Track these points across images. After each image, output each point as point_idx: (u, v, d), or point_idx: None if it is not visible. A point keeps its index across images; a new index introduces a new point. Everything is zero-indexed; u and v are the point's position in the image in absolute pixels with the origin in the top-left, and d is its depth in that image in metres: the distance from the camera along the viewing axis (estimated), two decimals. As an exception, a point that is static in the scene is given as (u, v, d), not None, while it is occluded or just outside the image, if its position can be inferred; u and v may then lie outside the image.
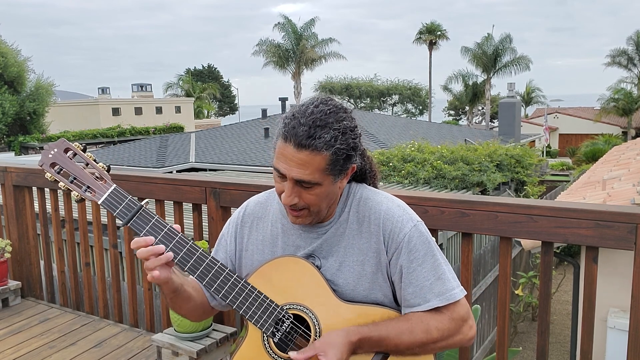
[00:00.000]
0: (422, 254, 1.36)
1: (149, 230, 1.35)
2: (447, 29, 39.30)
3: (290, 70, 35.41)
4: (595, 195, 6.18)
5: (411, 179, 10.72)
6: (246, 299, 1.36)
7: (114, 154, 17.54)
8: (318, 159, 1.24)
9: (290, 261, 1.40)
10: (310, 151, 1.23)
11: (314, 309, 1.37)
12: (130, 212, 1.36)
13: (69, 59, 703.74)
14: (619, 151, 12.04)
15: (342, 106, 1.31)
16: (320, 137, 1.23)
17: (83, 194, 1.39)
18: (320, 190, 1.30)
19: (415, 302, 1.36)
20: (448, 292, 1.36)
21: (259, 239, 1.50)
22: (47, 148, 1.41)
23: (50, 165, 1.40)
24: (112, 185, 1.38)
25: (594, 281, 1.80)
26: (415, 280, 1.36)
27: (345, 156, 1.28)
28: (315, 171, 1.25)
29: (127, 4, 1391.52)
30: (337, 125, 1.25)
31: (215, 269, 1.37)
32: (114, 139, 29.63)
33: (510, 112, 21.45)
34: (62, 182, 1.39)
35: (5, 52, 26.49)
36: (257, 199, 1.57)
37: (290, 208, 1.34)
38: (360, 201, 1.43)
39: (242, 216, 1.55)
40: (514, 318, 8.83)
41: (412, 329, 1.34)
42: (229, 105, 61.07)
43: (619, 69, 35.25)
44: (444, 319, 1.36)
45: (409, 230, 1.37)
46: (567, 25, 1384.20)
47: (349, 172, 1.35)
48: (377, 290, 1.39)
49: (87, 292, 3.27)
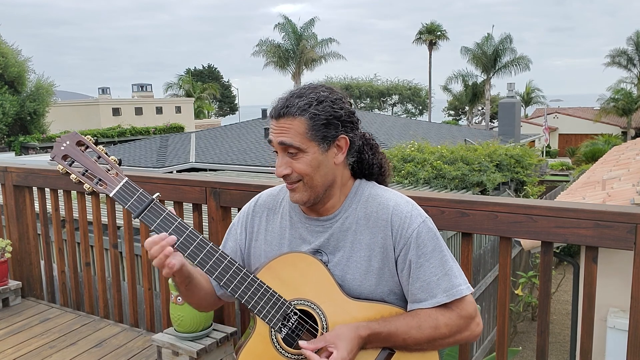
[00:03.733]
0: (430, 249, 1.38)
1: (160, 224, 1.35)
2: (446, 29, 39.31)
3: (290, 71, 35.41)
4: (595, 195, 6.19)
5: (411, 179, 10.71)
6: (255, 293, 1.37)
7: (114, 154, 17.51)
8: (296, 123, 1.32)
9: (299, 257, 1.41)
10: (286, 118, 1.32)
11: (321, 304, 1.38)
12: (142, 206, 1.36)
13: (69, 59, 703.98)
14: (619, 151, 12.05)
15: (326, 85, 1.39)
16: (294, 104, 1.32)
17: (95, 186, 1.37)
18: (308, 158, 1.33)
19: (422, 298, 1.38)
20: (455, 287, 1.37)
21: (269, 230, 1.52)
22: (59, 141, 1.40)
23: (63, 157, 1.38)
24: (124, 179, 1.38)
25: (594, 281, 1.80)
26: (423, 276, 1.37)
27: (326, 122, 1.32)
28: (295, 134, 1.31)
29: (125, 5, 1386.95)
30: (313, 94, 1.34)
31: (225, 263, 1.37)
32: (114, 139, 29.65)
33: (510, 112, 21.45)
34: (74, 174, 1.38)
35: (6, 52, 26.51)
36: (270, 192, 1.60)
37: (286, 182, 1.38)
38: (369, 197, 1.44)
39: (254, 207, 1.58)
40: (514, 318, 8.84)
41: (420, 324, 1.36)
42: (229, 105, 61.07)
43: (618, 69, 35.26)
44: (453, 316, 1.38)
45: (417, 225, 1.38)
46: (566, 26, 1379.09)
47: (342, 145, 1.37)
48: (384, 285, 1.41)
49: (88, 292, 3.27)
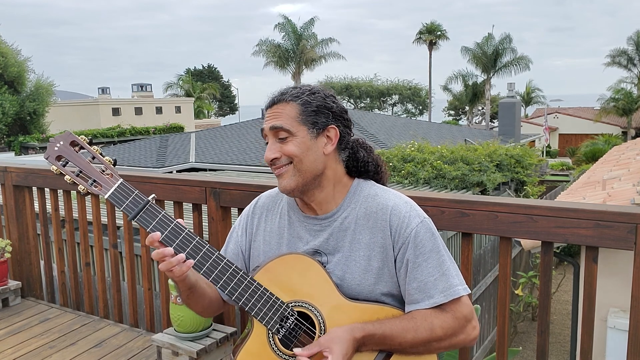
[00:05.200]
0: (428, 249, 1.38)
1: (156, 225, 1.33)
2: (446, 29, 39.30)
3: (291, 71, 35.43)
4: (595, 195, 6.19)
5: (411, 179, 10.70)
6: (252, 295, 1.36)
7: (114, 154, 17.52)
8: (288, 108, 1.39)
9: (297, 258, 1.40)
10: (279, 103, 1.40)
11: (319, 306, 1.38)
12: (137, 207, 1.33)
13: (69, 59, 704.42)
14: (619, 151, 12.05)
15: (318, 86, 1.48)
16: (287, 92, 1.42)
17: (89, 187, 1.35)
18: (298, 140, 1.37)
19: (419, 298, 1.38)
20: (452, 288, 1.37)
21: (267, 230, 1.54)
22: (53, 141, 1.38)
23: (56, 158, 1.36)
24: (119, 180, 1.36)
25: (594, 281, 1.80)
26: (420, 276, 1.37)
27: (316, 110, 1.39)
28: (287, 118, 1.38)
29: (124, 5, 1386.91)
30: (306, 87, 1.43)
31: (222, 266, 1.36)
32: (114, 139, 29.64)
33: (510, 112, 21.43)
34: (68, 175, 1.36)
35: (6, 52, 26.51)
36: (270, 193, 1.62)
37: (274, 167, 1.40)
38: (368, 197, 1.45)
39: (254, 208, 1.61)
40: (514, 318, 8.84)
41: (416, 327, 1.35)
42: (229, 105, 61.07)
43: (618, 69, 35.28)
44: (448, 318, 1.37)
45: (415, 225, 1.39)
46: (566, 26, 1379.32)
47: (331, 136, 1.41)
48: (383, 286, 1.41)
49: (87, 292, 3.27)
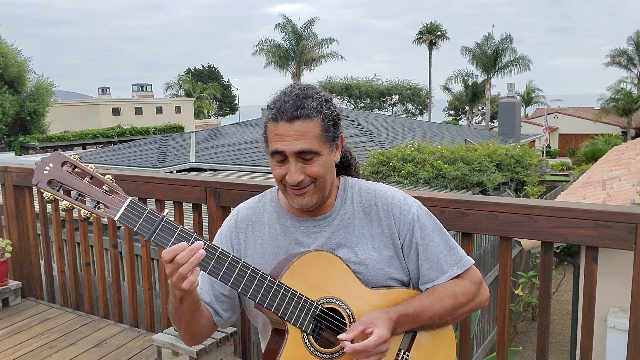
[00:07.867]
0: (431, 229, 1.46)
1: (175, 242, 1.25)
2: (446, 29, 39.27)
3: (291, 71, 35.44)
4: (595, 195, 6.19)
5: (411, 179, 10.70)
6: (283, 300, 1.33)
7: (114, 154, 17.53)
8: (312, 126, 1.29)
9: (318, 255, 1.40)
10: (302, 120, 1.28)
11: (346, 299, 1.39)
12: (153, 226, 1.25)
13: (69, 59, 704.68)
14: (619, 151, 12.05)
15: (312, 84, 1.40)
16: (307, 105, 1.29)
17: (93, 210, 1.24)
18: (322, 160, 1.32)
19: (434, 277, 1.44)
20: (462, 259, 1.47)
21: (258, 243, 1.48)
22: (40, 164, 1.24)
23: (48, 182, 1.23)
24: (127, 198, 1.26)
25: (594, 281, 1.80)
26: (431, 255, 1.44)
27: (334, 122, 1.35)
28: (313, 138, 1.29)
29: (124, 5, 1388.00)
30: (319, 95, 1.33)
31: (249, 274, 1.32)
32: (114, 139, 29.64)
33: (510, 112, 21.43)
34: (66, 200, 1.24)
35: (6, 52, 26.49)
36: (248, 204, 1.55)
37: (295, 188, 1.33)
38: (362, 192, 1.48)
39: (235, 222, 1.52)
40: (514, 318, 8.83)
41: (440, 298, 1.42)
42: (229, 105, 61.06)
43: (618, 69, 35.27)
44: (467, 284, 1.45)
45: (415, 210, 1.46)
46: (565, 26, 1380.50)
47: (339, 143, 1.41)
48: (395, 273, 1.45)
49: (87, 292, 3.27)
